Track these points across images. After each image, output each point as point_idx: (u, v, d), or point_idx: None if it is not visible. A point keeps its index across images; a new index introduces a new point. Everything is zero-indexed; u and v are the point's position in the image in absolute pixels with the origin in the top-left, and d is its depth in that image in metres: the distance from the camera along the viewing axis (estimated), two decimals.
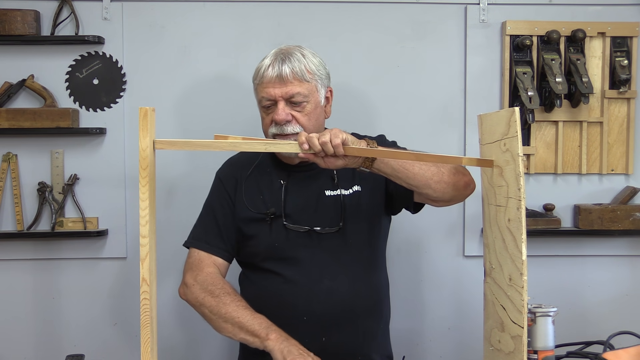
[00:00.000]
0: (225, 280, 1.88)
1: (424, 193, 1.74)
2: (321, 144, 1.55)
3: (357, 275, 1.87)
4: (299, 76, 1.79)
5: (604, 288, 2.56)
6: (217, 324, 1.79)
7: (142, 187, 1.41)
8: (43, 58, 2.43)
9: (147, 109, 1.42)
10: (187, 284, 1.87)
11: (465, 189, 1.77)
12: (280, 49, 1.85)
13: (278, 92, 1.79)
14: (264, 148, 1.55)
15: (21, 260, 2.47)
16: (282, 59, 1.80)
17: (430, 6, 2.49)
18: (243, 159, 1.97)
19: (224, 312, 1.77)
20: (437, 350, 2.56)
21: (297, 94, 1.79)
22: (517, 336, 1.45)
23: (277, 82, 1.78)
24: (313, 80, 1.82)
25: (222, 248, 1.91)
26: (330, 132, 1.57)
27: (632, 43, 2.49)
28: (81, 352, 2.22)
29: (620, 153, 2.52)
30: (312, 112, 1.82)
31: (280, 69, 1.78)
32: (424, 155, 1.60)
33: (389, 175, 1.68)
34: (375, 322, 1.92)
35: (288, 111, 1.79)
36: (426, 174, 1.69)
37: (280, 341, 1.67)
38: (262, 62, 1.84)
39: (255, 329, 1.72)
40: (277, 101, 1.79)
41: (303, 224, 1.85)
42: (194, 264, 1.90)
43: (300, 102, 1.80)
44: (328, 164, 1.59)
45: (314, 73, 1.82)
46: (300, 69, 1.79)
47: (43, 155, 2.45)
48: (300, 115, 1.80)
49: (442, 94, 2.51)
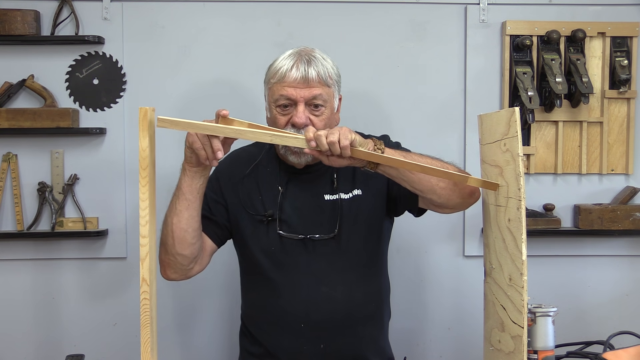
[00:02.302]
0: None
1: (428, 198, 1.71)
2: (329, 143, 1.53)
3: (355, 282, 1.85)
4: (323, 80, 1.76)
5: (604, 288, 2.57)
6: (165, 231, 1.75)
7: (142, 187, 1.41)
8: (43, 58, 2.43)
9: (147, 109, 1.42)
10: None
11: (470, 197, 1.75)
12: (301, 50, 1.81)
13: (301, 94, 1.75)
14: (269, 139, 1.52)
15: (21, 260, 2.47)
16: (307, 60, 1.77)
17: (430, 6, 2.49)
18: (244, 155, 1.94)
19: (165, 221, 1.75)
20: (437, 350, 2.56)
21: (318, 96, 1.76)
22: (517, 336, 1.45)
23: (302, 83, 1.75)
24: (333, 86, 1.80)
25: (209, 227, 1.86)
26: (339, 131, 1.54)
27: (632, 43, 2.49)
28: (81, 352, 2.22)
29: (620, 153, 2.52)
30: (328, 118, 1.79)
31: (306, 71, 1.75)
32: (430, 169, 1.58)
33: (394, 177, 1.66)
34: (375, 327, 1.90)
35: (307, 114, 1.76)
36: (432, 179, 1.67)
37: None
38: (280, 62, 1.79)
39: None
40: (298, 103, 1.76)
41: (298, 231, 1.82)
42: None
43: (320, 106, 1.77)
44: (332, 162, 1.58)
45: (334, 79, 1.81)
46: (325, 72, 1.77)
47: (43, 155, 2.45)
48: (318, 120, 1.76)
49: (442, 94, 2.51)
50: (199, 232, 1.77)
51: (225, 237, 1.92)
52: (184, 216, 1.71)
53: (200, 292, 2.50)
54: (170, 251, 1.75)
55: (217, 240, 1.89)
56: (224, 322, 2.52)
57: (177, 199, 1.71)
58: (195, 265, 1.82)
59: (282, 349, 1.84)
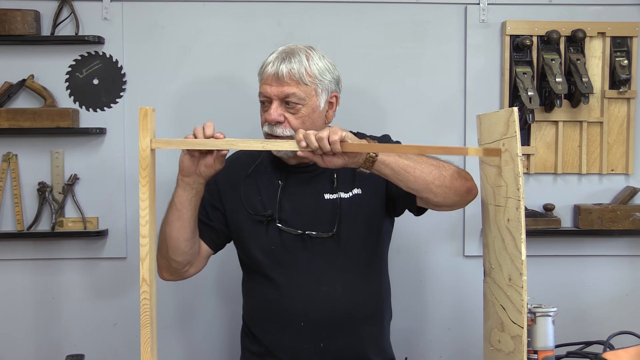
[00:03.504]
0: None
1: (424, 197, 1.70)
2: (317, 139, 1.53)
3: (354, 281, 1.85)
4: (296, 78, 1.75)
5: (604, 288, 2.57)
6: (160, 237, 1.78)
7: (142, 187, 1.42)
8: (43, 58, 2.43)
9: (147, 109, 1.42)
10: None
11: (468, 195, 1.74)
12: (287, 47, 1.81)
13: (273, 91, 1.76)
14: (261, 146, 1.54)
15: (21, 260, 2.47)
16: (283, 58, 1.77)
17: (430, 6, 2.49)
18: (243, 157, 1.95)
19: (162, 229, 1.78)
20: (437, 350, 2.56)
21: (292, 94, 1.75)
22: (517, 336, 1.45)
23: (274, 80, 1.75)
24: (312, 84, 1.77)
25: (205, 232, 1.88)
26: (329, 130, 1.55)
27: (632, 43, 2.49)
28: (81, 352, 2.22)
29: (620, 153, 2.52)
30: (307, 116, 1.77)
31: (278, 68, 1.75)
32: (427, 148, 1.57)
33: (390, 177, 1.66)
34: (375, 327, 1.90)
35: (281, 112, 1.76)
36: (427, 177, 1.66)
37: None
38: (267, 58, 1.81)
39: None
40: (272, 100, 1.77)
41: (297, 228, 1.83)
42: None
43: (295, 104, 1.76)
44: (327, 162, 1.58)
45: (315, 77, 1.78)
46: (299, 70, 1.75)
47: (43, 155, 2.45)
48: (293, 118, 1.76)
49: (442, 94, 2.51)
50: (192, 241, 1.81)
51: (221, 242, 1.94)
52: (175, 226, 1.75)
53: (201, 292, 2.50)
54: (164, 256, 1.81)
55: (213, 245, 1.92)
56: (224, 322, 2.52)
57: (169, 209, 1.76)
58: (190, 268, 1.87)
59: (282, 348, 1.84)
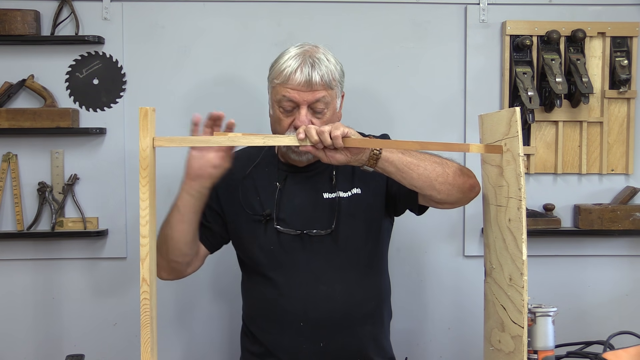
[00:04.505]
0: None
1: (427, 195, 1.70)
2: (318, 133, 1.54)
3: (353, 280, 1.85)
4: (327, 83, 1.75)
5: (604, 288, 2.57)
6: (160, 238, 1.78)
7: (142, 187, 1.41)
8: (43, 58, 2.43)
9: (147, 109, 1.42)
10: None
11: (470, 192, 1.74)
12: (306, 51, 1.78)
13: (304, 97, 1.74)
14: (262, 142, 1.54)
15: (21, 260, 2.47)
16: (311, 63, 1.74)
17: (430, 6, 2.49)
18: (243, 157, 1.94)
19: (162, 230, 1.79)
20: (437, 350, 2.56)
21: (322, 99, 1.75)
22: (517, 336, 1.45)
23: (305, 87, 1.73)
24: (336, 87, 1.79)
25: (202, 233, 1.88)
26: (331, 125, 1.56)
27: (632, 43, 2.49)
28: (81, 352, 2.22)
29: (620, 153, 2.52)
30: (330, 119, 1.78)
31: (310, 75, 1.73)
32: (429, 144, 1.56)
33: (393, 174, 1.65)
34: (375, 326, 1.90)
35: (309, 117, 1.75)
36: (431, 174, 1.66)
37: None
38: (285, 62, 1.76)
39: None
40: (300, 106, 1.75)
41: (296, 227, 1.83)
42: None
43: (322, 109, 1.76)
44: (330, 158, 1.58)
45: (337, 80, 1.79)
46: (328, 75, 1.75)
47: (43, 155, 2.45)
48: (320, 122, 1.75)
49: (442, 94, 2.51)
50: (192, 244, 1.82)
51: (218, 244, 1.95)
52: (177, 229, 1.76)
53: (201, 292, 2.50)
54: (164, 257, 1.81)
55: (210, 246, 1.93)
56: (224, 322, 2.52)
57: (172, 212, 1.76)
58: (188, 268, 1.89)
59: (282, 347, 1.84)
